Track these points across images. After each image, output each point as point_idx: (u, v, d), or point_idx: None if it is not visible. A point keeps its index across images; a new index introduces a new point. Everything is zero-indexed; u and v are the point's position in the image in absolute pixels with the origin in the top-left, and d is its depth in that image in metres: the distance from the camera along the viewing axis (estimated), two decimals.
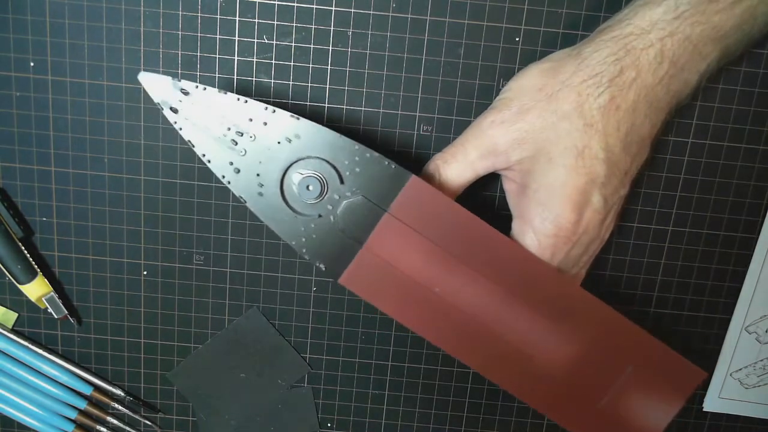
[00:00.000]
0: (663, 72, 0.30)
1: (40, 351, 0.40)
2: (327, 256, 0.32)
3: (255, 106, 0.30)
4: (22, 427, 0.41)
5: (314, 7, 0.35)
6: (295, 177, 0.31)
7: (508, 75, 0.36)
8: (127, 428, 0.42)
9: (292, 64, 0.36)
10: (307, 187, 0.31)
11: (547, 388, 0.33)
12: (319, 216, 0.31)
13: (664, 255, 0.39)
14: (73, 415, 0.40)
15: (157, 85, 0.30)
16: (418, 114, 0.37)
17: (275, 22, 0.35)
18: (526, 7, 0.35)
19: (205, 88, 0.30)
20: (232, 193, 0.33)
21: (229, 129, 0.30)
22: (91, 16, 0.35)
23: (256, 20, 0.35)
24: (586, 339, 0.32)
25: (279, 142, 0.31)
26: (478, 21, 0.35)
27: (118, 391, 0.41)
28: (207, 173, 0.38)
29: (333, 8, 0.35)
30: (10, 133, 0.37)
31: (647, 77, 0.30)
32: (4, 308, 0.40)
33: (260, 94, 0.36)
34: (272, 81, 0.36)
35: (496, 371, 0.33)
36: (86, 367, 0.41)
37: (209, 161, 0.31)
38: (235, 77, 0.36)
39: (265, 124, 0.30)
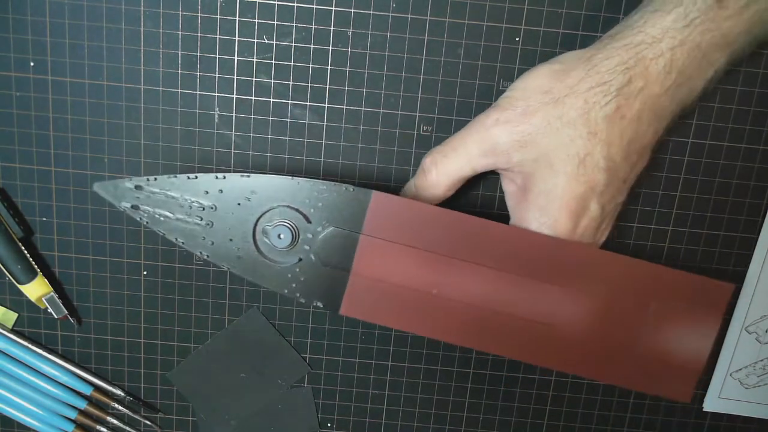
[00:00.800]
0: (670, 82, 0.29)
1: (40, 351, 0.40)
2: (320, 293, 0.32)
3: (205, 179, 0.31)
4: (22, 427, 0.41)
5: (314, 7, 0.35)
6: (265, 230, 0.32)
7: (508, 75, 0.36)
8: (127, 428, 0.42)
9: (292, 64, 0.36)
10: (279, 236, 0.31)
11: (577, 351, 0.32)
12: (300, 259, 0.32)
13: (664, 255, 0.39)
14: (73, 415, 0.40)
15: (112, 191, 0.31)
16: (418, 114, 0.37)
17: (275, 22, 0.35)
18: (526, 7, 0.35)
19: (155, 179, 0.31)
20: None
21: (190, 207, 0.31)
22: (91, 16, 0.35)
23: (256, 20, 0.35)
24: (602, 291, 0.32)
25: (239, 204, 0.31)
26: (478, 21, 0.35)
27: (118, 391, 0.41)
28: (207, 173, 0.38)
29: (333, 8, 0.35)
30: (10, 133, 0.37)
31: (654, 87, 0.29)
32: (4, 308, 0.40)
33: (260, 94, 0.36)
34: (272, 81, 0.36)
35: (523, 351, 0.33)
36: (86, 367, 0.41)
37: (183, 243, 0.32)
38: (235, 77, 0.36)
39: (221, 191, 0.31)
